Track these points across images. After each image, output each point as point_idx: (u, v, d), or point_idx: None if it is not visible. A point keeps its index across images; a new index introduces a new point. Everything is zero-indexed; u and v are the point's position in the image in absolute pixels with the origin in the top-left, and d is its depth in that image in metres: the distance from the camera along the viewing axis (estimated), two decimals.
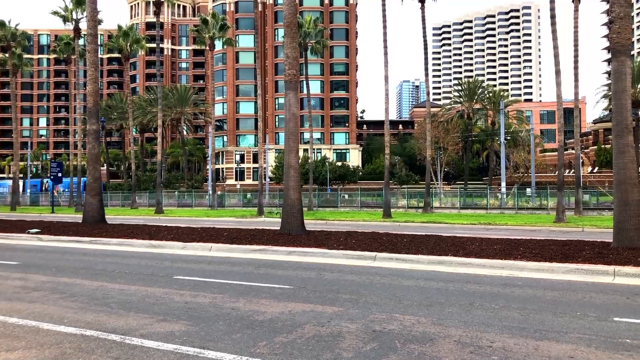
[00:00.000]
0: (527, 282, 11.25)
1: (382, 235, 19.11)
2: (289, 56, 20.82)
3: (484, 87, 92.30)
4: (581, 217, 35.13)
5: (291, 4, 21.06)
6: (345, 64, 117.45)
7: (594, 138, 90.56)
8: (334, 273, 12.62)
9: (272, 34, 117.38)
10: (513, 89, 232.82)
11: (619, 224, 15.11)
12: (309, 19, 52.65)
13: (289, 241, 17.53)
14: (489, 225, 29.45)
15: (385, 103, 40.51)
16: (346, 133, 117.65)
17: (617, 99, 15.37)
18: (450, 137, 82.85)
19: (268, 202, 54.76)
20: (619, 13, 15.37)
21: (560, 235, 21.78)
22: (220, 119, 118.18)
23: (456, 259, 13.61)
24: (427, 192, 43.99)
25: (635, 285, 10.88)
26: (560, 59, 34.16)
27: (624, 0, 15.37)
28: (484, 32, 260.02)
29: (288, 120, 20.80)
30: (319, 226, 27.82)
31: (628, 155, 15.13)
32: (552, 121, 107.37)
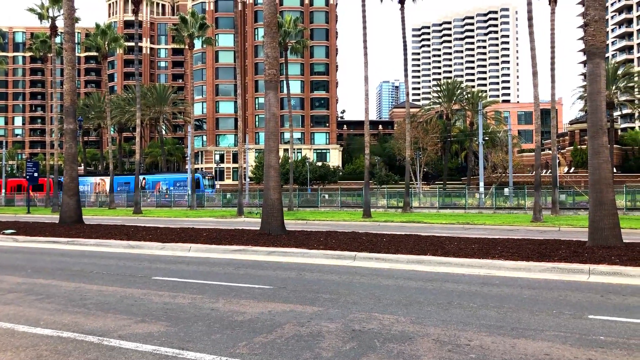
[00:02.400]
0: (505, 281, 11.39)
1: (362, 235, 19.18)
2: (269, 56, 20.79)
3: (462, 88, 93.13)
4: (558, 216, 35.65)
5: (271, 3, 21.03)
6: (325, 64, 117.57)
7: (571, 139, 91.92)
8: (314, 273, 12.63)
9: (252, 34, 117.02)
10: (491, 90, 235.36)
11: (594, 223, 15.37)
12: (289, 19, 52.56)
13: (269, 241, 17.50)
14: (468, 224, 29.73)
15: (365, 103, 40.66)
16: (326, 133, 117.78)
17: (592, 100, 15.63)
18: (429, 138, 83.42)
19: (248, 202, 54.59)
20: (594, 16, 15.63)
21: (537, 235, 22.08)
22: (200, 118, 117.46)
23: (435, 258, 13.73)
24: (406, 192, 44.24)
25: (610, 283, 11.08)
26: (537, 61, 34.63)
27: (598, 3, 15.64)
28: (462, 34, 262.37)
29: (268, 120, 20.77)
30: (299, 226, 27.82)
31: (603, 155, 15.39)
32: (529, 122, 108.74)
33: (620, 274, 11.58)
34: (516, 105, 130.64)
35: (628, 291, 10.25)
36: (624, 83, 72.38)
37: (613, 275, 11.54)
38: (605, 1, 17.36)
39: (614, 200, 15.71)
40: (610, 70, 69.35)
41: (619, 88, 71.35)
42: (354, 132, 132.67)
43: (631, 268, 11.78)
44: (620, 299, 9.60)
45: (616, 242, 14.86)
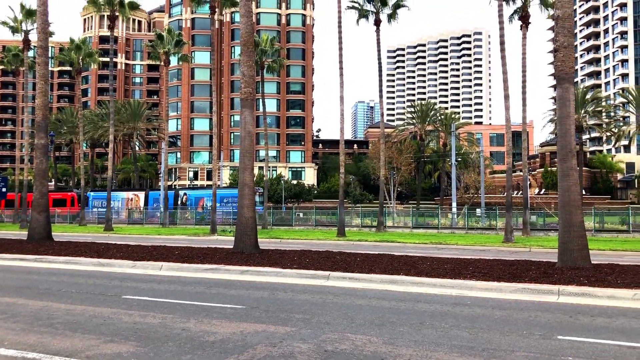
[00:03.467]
0: (477, 302, 11.49)
1: (336, 254, 19.17)
2: (245, 74, 20.85)
3: (436, 110, 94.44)
4: (528, 237, 36.15)
5: (248, 22, 21.15)
6: (301, 83, 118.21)
7: (541, 161, 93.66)
8: (288, 292, 12.57)
9: (229, 51, 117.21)
10: (464, 112, 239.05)
11: (563, 244, 15.63)
12: (265, 38, 52.81)
13: (242, 260, 17.37)
14: (440, 244, 29.95)
15: (340, 123, 40.91)
16: (302, 151, 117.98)
17: (562, 124, 16.00)
18: (403, 158, 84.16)
19: (221, 220, 54.15)
20: (563, 42, 16.07)
21: (509, 255, 22.35)
22: (174, 135, 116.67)
23: (408, 278, 13.78)
24: (380, 212, 44.45)
25: (579, 304, 11.26)
26: (509, 84, 35.38)
27: (567, 30, 16.10)
28: (436, 56, 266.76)
29: (243, 138, 20.75)
30: (273, 245, 27.69)
31: (572, 178, 15.73)
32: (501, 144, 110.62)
33: (588, 294, 11.78)
34: (488, 127, 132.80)
35: (596, 312, 10.43)
36: (593, 107, 74.26)
37: (582, 296, 11.73)
38: (573, 28, 17.90)
39: (583, 222, 16.03)
40: (579, 94, 71.11)
41: (587, 112, 73.15)
42: (330, 151, 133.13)
43: (599, 289, 12.00)
44: (588, 319, 9.76)
45: (585, 264, 15.13)
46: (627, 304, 11.11)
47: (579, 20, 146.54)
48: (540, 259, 18.19)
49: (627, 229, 39.73)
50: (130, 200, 71.36)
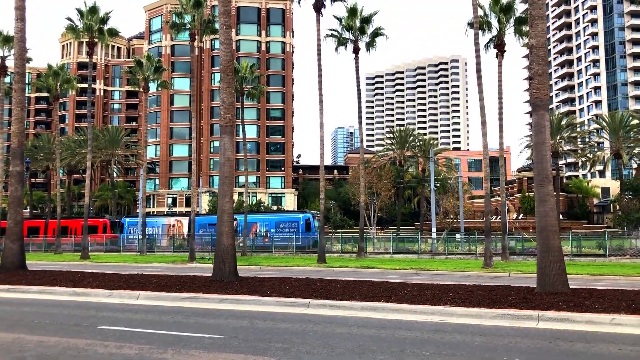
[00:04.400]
0: (457, 328, 11.46)
1: (316, 281, 19.04)
2: (224, 101, 20.88)
3: (414, 136, 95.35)
4: (508, 262, 36.34)
5: (227, 50, 21.26)
6: (281, 109, 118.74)
7: (519, 186, 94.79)
8: (267, 321, 12.41)
9: (209, 78, 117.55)
10: (442, 138, 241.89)
11: (542, 269, 15.73)
12: (245, 65, 53.11)
13: (221, 288, 17.15)
14: (421, 270, 29.95)
15: (320, 149, 41.05)
16: (282, 177, 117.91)
17: (538, 150, 16.25)
18: (383, 183, 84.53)
19: (200, 247, 53.57)
20: (538, 70, 16.42)
21: (488, 281, 22.40)
22: (153, 161, 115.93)
23: (389, 305, 13.72)
24: (361, 237, 44.40)
25: (558, 329, 11.29)
26: (486, 111, 35.94)
27: (541, 58, 16.47)
28: (414, 83, 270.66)
29: (223, 164, 20.68)
30: (252, 272, 27.41)
31: (549, 203, 15.92)
32: (479, 169, 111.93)
33: (567, 320, 11.83)
34: (466, 153, 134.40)
35: (575, 337, 10.46)
36: (568, 133, 75.67)
37: (561, 322, 11.77)
38: (548, 56, 18.32)
39: (561, 247, 16.18)
40: (554, 121, 72.46)
41: (563, 138, 74.48)
42: (310, 176, 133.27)
43: (578, 314, 12.07)
44: (568, 345, 9.78)
45: (563, 288, 15.22)
46: (605, 329, 11.18)
47: (553, 49, 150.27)
48: (520, 284, 18.27)
49: (603, 253, 40.22)
50: (172, 226, 65.29)
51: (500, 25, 39.40)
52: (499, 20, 39.27)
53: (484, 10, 39.16)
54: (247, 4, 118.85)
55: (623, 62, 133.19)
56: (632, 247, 41.62)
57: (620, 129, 69.42)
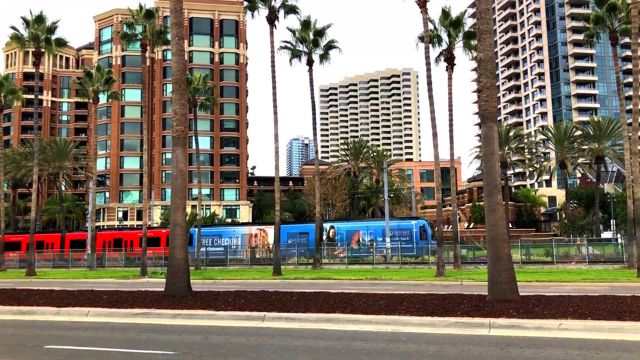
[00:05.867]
0: (411, 337, 11.58)
1: (271, 294, 18.91)
2: (177, 112, 20.62)
3: (368, 147, 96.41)
4: (460, 270, 37.02)
5: (180, 61, 21.04)
6: (235, 120, 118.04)
7: (469, 196, 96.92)
8: (222, 336, 12.24)
9: (161, 89, 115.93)
10: (395, 149, 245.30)
11: (492, 277, 16.09)
12: (198, 76, 52.58)
13: (174, 303, 16.82)
14: (376, 280, 30.17)
15: (275, 161, 40.97)
16: (236, 189, 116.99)
17: (487, 161, 16.69)
18: (338, 194, 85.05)
19: (153, 261, 52.46)
20: (486, 83, 16.91)
21: (441, 289, 22.76)
22: (103, 174, 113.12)
23: (344, 315, 13.75)
24: (316, 248, 44.41)
25: (509, 336, 11.55)
26: (437, 122, 36.76)
27: (489, 72, 16.96)
28: (368, 95, 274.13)
29: (175, 176, 20.38)
30: (207, 286, 27.01)
31: (498, 213, 16.33)
32: (431, 179, 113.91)
33: (517, 326, 12.12)
34: (418, 164, 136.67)
35: (525, 343, 10.73)
36: (516, 144, 78.00)
37: (511, 329, 12.05)
38: (495, 69, 18.89)
39: (510, 255, 16.61)
40: (502, 132, 74.58)
41: (511, 149, 76.70)
42: (265, 188, 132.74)
43: (527, 320, 12.39)
44: (518, 351, 10.02)
45: (513, 296, 15.60)
46: (553, 334, 11.51)
47: (500, 62, 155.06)
48: (472, 292, 18.62)
49: (551, 260, 41.51)
50: (253, 236, 59.13)
51: (450, 39, 40.38)
52: (449, 34, 40.24)
53: (434, 24, 40.09)
54: (200, 15, 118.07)
55: (566, 75, 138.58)
56: (578, 254, 43.08)
57: (564, 140, 71.99)
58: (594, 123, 71.04)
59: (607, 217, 68.40)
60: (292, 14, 41.66)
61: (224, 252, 52.74)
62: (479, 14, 17.30)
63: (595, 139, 67.91)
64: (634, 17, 31.39)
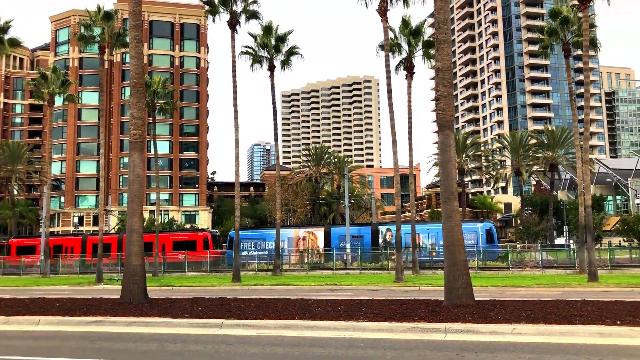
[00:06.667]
0: (369, 343, 11.65)
1: (230, 301, 18.72)
2: (134, 116, 20.28)
3: (330, 153, 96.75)
4: (418, 276, 37.48)
5: (138, 64, 20.71)
6: (195, 125, 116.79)
7: (428, 202, 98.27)
8: (178, 344, 12.06)
9: (119, 92, 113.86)
10: (357, 155, 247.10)
11: (449, 283, 16.33)
12: (157, 80, 51.87)
13: (129, 311, 16.48)
14: (335, 286, 30.25)
15: (235, 166, 40.71)
16: (196, 194, 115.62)
17: (444, 168, 16.98)
18: (299, 200, 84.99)
19: (109, 268, 51.34)
20: (443, 92, 17.21)
21: (400, 295, 22.97)
22: (58, 178, 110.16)
23: (303, 322, 13.73)
24: (276, 254, 44.25)
25: (464, 340, 11.75)
26: (396, 130, 37.23)
27: (447, 81, 17.28)
28: (330, 102, 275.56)
29: (132, 181, 20.01)
30: (164, 293, 26.58)
31: (454, 219, 16.60)
32: (391, 186, 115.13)
33: (473, 331, 12.34)
34: (379, 170, 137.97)
35: (480, 348, 10.93)
36: (473, 152, 79.69)
37: (467, 333, 12.26)
38: (453, 79, 19.26)
39: (466, 261, 16.90)
40: (460, 140, 76.09)
41: (468, 156, 78.31)
42: (225, 193, 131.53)
43: (482, 325, 12.62)
44: (472, 355, 10.20)
45: (469, 301, 15.87)
46: (507, 339, 11.76)
47: (459, 71, 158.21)
48: (429, 297, 18.86)
49: (506, 265, 42.43)
50: (301, 239, 55.90)
51: (409, 48, 41.01)
52: (409, 43, 40.87)
53: (394, 33, 40.63)
54: (161, 19, 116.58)
55: (522, 85, 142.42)
56: (532, 260, 44.14)
57: (520, 148, 73.86)
58: (548, 132, 73.15)
59: (560, 223, 70.40)
60: (253, 19, 41.58)
61: (268, 256, 50.20)
62: (437, 24, 17.62)
63: (549, 148, 69.88)
64: (585, 30, 32.53)
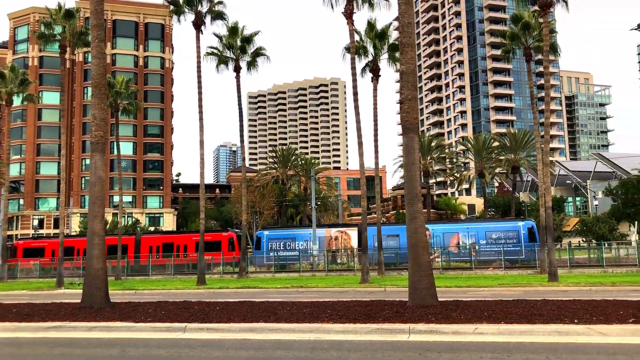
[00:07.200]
0: (334, 345, 11.66)
1: (194, 304, 18.52)
2: (96, 117, 19.90)
3: (297, 155, 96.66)
4: (384, 277, 37.74)
5: (100, 64, 20.34)
6: (160, 126, 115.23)
7: (393, 203, 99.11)
8: (140, 348, 11.87)
9: (81, 92, 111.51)
10: (324, 157, 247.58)
11: (413, 283, 16.50)
12: (121, 80, 50.95)
13: (90, 316, 16.14)
14: (302, 288, 30.22)
15: (200, 167, 40.31)
16: (160, 196, 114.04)
17: (408, 170, 17.14)
18: (266, 202, 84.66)
19: (70, 272, 50.18)
20: (408, 95, 17.39)
21: (365, 296, 23.10)
22: (17, 179, 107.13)
23: (267, 325, 13.67)
24: (242, 257, 43.95)
25: (427, 341, 11.87)
26: (363, 132, 37.35)
27: (411, 84, 17.46)
28: (296, 103, 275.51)
29: (93, 183, 19.63)
30: (127, 297, 26.11)
31: (418, 220, 16.79)
32: (358, 188, 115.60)
33: (436, 331, 12.48)
34: (346, 172, 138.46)
35: (442, 348, 11.06)
36: (437, 154, 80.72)
37: (430, 334, 12.39)
38: (418, 82, 19.47)
39: (430, 262, 17.11)
40: (425, 142, 76.96)
41: (433, 158, 79.27)
42: (190, 195, 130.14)
43: (445, 325, 12.78)
44: (435, 355, 10.31)
45: (433, 301, 16.06)
46: (469, 339, 11.93)
47: (424, 74, 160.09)
48: (394, 298, 19.02)
49: (470, 266, 43.09)
50: (333, 239, 52.76)
51: (375, 51, 41.29)
52: (375, 46, 41.15)
53: (360, 36, 40.86)
54: (124, 18, 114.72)
55: (485, 88, 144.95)
56: (494, 260, 44.91)
57: (483, 151, 75.09)
58: (510, 135, 74.59)
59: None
60: (219, 19, 41.26)
61: (298, 257, 48.84)
62: (401, 27, 17.79)
63: (511, 150, 71.26)
64: (545, 35, 33.32)
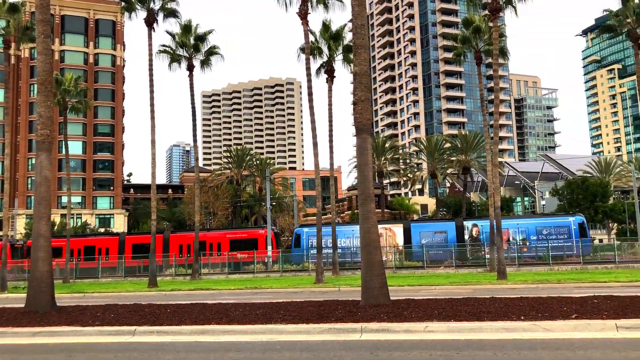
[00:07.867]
0: (286, 346, 11.64)
1: (144, 307, 18.13)
2: (42, 115, 19.24)
3: (252, 155, 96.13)
4: (338, 277, 37.93)
5: (46, 60, 19.67)
6: (110, 125, 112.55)
7: (348, 204, 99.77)
8: (87, 353, 11.56)
9: (27, 89, 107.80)
10: (279, 157, 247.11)
11: (366, 283, 16.61)
12: (69, 77, 49.52)
13: (34, 321, 15.58)
14: (256, 289, 30.05)
15: (152, 167, 39.58)
16: (111, 197, 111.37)
17: (361, 171, 17.27)
18: (220, 202, 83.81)
19: (15, 275, 48.43)
20: (361, 96, 17.51)
21: (319, 296, 23.14)
22: None
23: (219, 327, 13.52)
24: (195, 259, 43.38)
25: (379, 340, 11.98)
26: (318, 132, 37.56)
27: (364, 85, 17.59)
28: (252, 103, 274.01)
29: (39, 184, 18.99)
30: (75, 300, 25.36)
31: (371, 220, 16.92)
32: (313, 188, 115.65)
33: (387, 330, 12.61)
34: (301, 172, 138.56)
35: (394, 346, 11.18)
36: (391, 155, 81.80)
37: (382, 332, 12.50)
38: (372, 83, 19.64)
39: (382, 261, 17.26)
40: (379, 143, 77.87)
41: (387, 159, 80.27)
42: (142, 196, 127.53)
43: (397, 324, 12.92)
44: (387, 354, 10.42)
45: (385, 300, 16.20)
46: (420, 337, 12.10)
47: (378, 76, 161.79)
48: (348, 298, 19.10)
49: (422, 265, 43.82)
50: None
51: (330, 52, 41.51)
52: (329, 47, 41.38)
53: (315, 36, 41.01)
54: (74, 13, 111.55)
55: (438, 91, 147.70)
56: (445, 259, 45.81)
57: (435, 152, 76.54)
58: (461, 136, 76.29)
59: None
60: (172, 17, 40.66)
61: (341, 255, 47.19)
62: (354, 29, 17.92)
63: (462, 151, 72.87)
64: (495, 39, 34.21)
